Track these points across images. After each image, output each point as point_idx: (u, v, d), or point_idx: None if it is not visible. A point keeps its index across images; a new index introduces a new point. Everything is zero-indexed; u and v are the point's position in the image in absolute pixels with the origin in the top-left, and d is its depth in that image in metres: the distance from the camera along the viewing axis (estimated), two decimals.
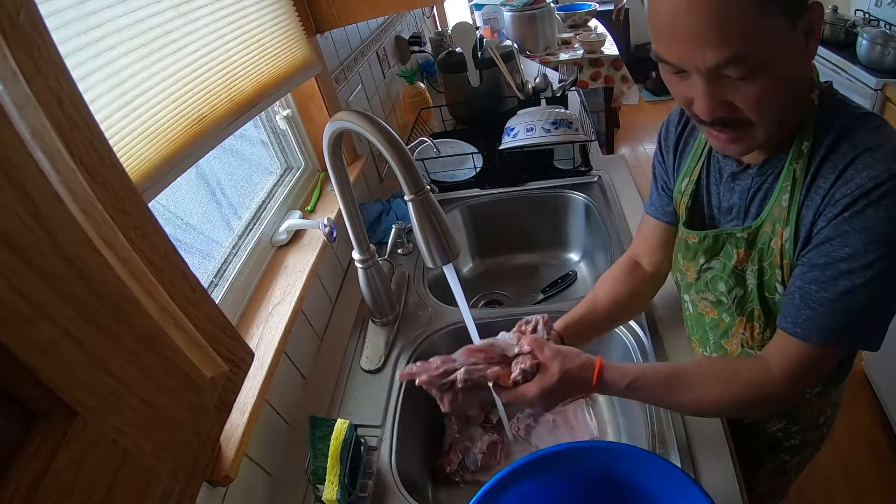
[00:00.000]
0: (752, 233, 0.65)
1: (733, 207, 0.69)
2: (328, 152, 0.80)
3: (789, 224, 0.61)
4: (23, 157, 0.30)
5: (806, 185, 0.59)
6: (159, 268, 0.43)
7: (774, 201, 0.62)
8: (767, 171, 0.63)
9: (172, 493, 0.40)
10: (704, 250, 0.72)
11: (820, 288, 0.57)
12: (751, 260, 0.67)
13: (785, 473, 0.92)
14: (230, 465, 0.65)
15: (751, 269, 0.67)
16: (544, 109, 1.40)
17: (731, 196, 0.69)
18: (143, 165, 0.61)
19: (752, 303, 0.69)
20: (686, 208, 0.75)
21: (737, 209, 0.68)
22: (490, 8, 2.52)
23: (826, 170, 0.57)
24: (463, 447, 0.95)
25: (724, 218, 0.71)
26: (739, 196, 0.67)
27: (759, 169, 0.64)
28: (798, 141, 0.59)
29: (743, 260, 0.67)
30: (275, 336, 0.83)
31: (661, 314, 0.96)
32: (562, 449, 0.63)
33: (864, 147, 0.55)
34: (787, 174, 0.60)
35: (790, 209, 0.60)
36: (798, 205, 0.60)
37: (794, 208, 0.60)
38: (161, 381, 0.39)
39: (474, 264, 1.45)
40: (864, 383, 1.81)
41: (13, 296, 0.27)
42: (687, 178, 0.75)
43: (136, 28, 0.62)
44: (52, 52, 0.36)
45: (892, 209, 0.52)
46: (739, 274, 0.69)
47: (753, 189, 0.65)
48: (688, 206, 0.75)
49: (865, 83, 1.88)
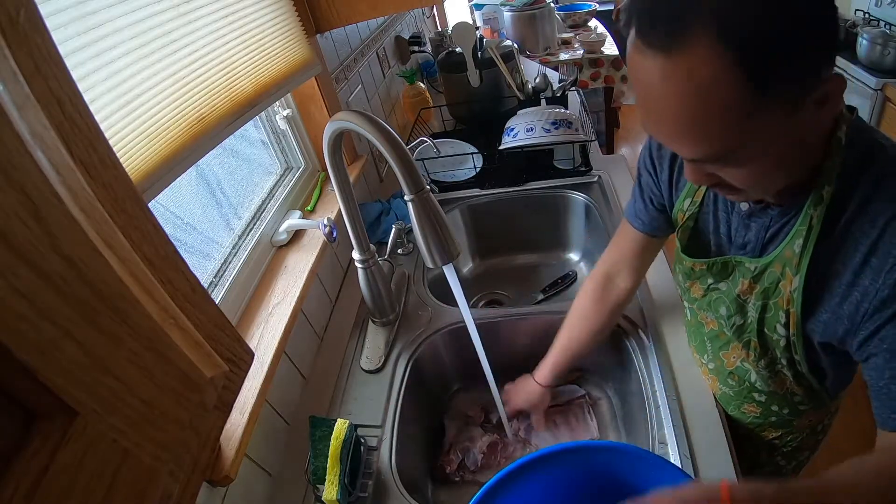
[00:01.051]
0: (760, 268, 0.62)
1: (748, 244, 0.65)
2: (328, 152, 0.80)
3: (799, 272, 0.57)
4: (23, 157, 0.30)
5: (824, 236, 0.55)
6: (159, 268, 0.43)
7: (787, 243, 0.58)
8: (790, 212, 0.58)
9: (172, 493, 0.40)
10: (714, 274, 0.70)
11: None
12: (754, 294, 0.64)
13: (782, 477, 0.92)
14: (230, 465, 0.65)
15: (753, 303, 0.65)
16: (544, 109, 1.40)
17: (746, 232, 0.65)
18: (143, 165, 0.61)
19: (750, 333, 0.68)
20: (687, 230, 0.71)
21: (752, 245, 0.64)
22: (490, 8, 2.52)
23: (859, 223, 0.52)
24: (463, 447, 0.95)
25: (736, 251, 0.67)
26: (756, 233, 0.63)
27: (781, 210, 0.59)
28: (818, 187, 0.54)
29: (747, 291, 0.65)
30: (275, 336, 0.83)
31: (661, 314, 0.96)
32: (562, 449, 0.63)
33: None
34: (804, 219, 0.56)
35: (802, 256, 0.57)
36: (811, 255, 0.56)
37: (807, 257, 0.56)
38: (161, 381, 0.39)
39: (474, 264, 1.45)
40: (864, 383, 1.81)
41: (13, 296, 0.27)
42: (689, 199, 0.70)
43: (135, 28, 0.62)
44: (52, 52, 0.36)
45: None
46: (741, 303, 0.67)
47: (773, 228, 0.61)
48: (689, 228, 0.71)
49: (865, 83, 1.88)
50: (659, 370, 0.86)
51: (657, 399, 0.83)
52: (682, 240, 0.73)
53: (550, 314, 1.02)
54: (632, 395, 0.94)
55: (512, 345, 1.05)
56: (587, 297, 0.88)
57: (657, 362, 0.87)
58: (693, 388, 0.83)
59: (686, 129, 0.46)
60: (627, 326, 0.95)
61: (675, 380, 0.85)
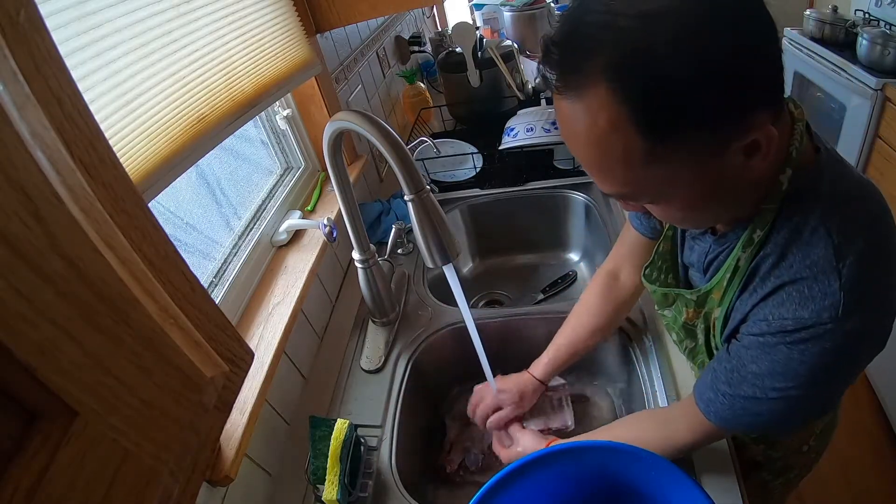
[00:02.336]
0: (701, 296, 0.63)
1: (693, 264, 0.68)
2: (328, 152, 0.80)
3: (722, 305, 0.59)
4: (23, 157, 0.30)
5: (747, 276, 0.55)
6: (159, 268, 0.43)
7: (720, 276, 0.59)
8: (724, 244, 0.59)
9: (172, 493, 0.40)
10: (658, 301, 0.73)
11: (727, 381, 0.56)
12: (700, 318, 0.66)
13: (769, 493, 0.90)
14: (230, 465, 0.65)
15: (700, 326, 0.67)
16: (544, 109, 1.40)
17: (690, 254, 0.68)
18: (143, 165, 0.61)
19: (702, 355, 0.69)
20: (659, 253, 0.73)
21: (696, 267, 0.67)
22: (490, 8, 2.52)
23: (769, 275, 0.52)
24: (463, 447, 0.95)
25: (691, 270, 0.71)
26: (697, 257, 0.65)
27: (717, 240, 0.60)
28: (752, 227, 0.53)
29: (693, 317, 0.67)
30: (275, 336, 0.83)
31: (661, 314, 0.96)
32: (562, 449, 0.63)
33: (810, 273, 0.48)
34: (733, 257, 0.56)
35: (726, 292, 0.58)
36: (734, 292, 0.57)
37: (730, 294, 0.57)
38: (161, 381, 0.39)
39: (474, 264, 1.45)
40: (864, 383, 1.81)
41: (13, 296, 0.27)
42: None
43: (136, 28, 0.62)
44: (52, 52, 0.36)
45: (807, 354, 0.49)
46: (689, 328, 0.69)
47: (711, 255, 0.62)
48: (659, 251, 0.73)
49: (865, 83, 1.88)
50: (659, 370, 0.86)
51: (657, 399, 0.83)
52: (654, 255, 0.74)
53: (550, 314, 1.02)
54: (632, 395, 0.94)
55: (512, 345, 1.05)
56: (593, 293, 0.88)
57: (657, 362, 0.87)
58: None
59: (591, 169, 0.48)
60: (628, 327, 0.95)
61: (675, 380, 0.85)
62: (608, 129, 0.43)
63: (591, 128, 0.44)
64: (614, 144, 0.44)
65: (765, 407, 0.54)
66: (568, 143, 0.49)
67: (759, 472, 0.86)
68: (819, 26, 2.24)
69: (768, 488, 0.89)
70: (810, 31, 2.29)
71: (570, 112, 0.45)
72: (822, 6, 2.48)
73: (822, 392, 0.53)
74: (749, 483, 0.87)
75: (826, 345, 0.48)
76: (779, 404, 0.53)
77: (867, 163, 1.97)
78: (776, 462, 0.84)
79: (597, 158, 0.46)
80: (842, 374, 0.53)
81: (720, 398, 0.57)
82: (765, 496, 0.91)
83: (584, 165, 0.50)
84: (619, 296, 0.87)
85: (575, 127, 0.46)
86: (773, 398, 0.53)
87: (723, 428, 0.60)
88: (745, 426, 0.57)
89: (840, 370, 0.52)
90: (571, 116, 0.45)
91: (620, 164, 0.45)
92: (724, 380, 0.57)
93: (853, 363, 0.52)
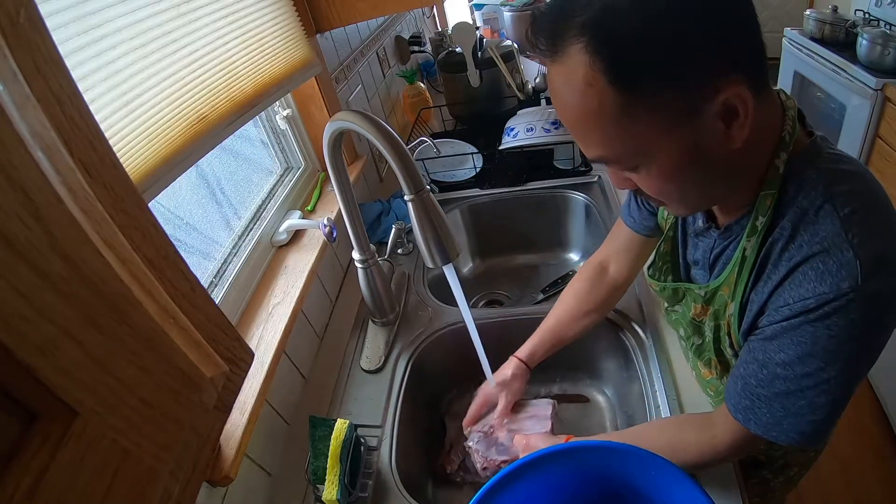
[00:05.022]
0: (709, 292, 0.63)
1: (698, 262, 0.68)
2: (328, 152, 0.80)
3: (734, 299, 0.58)
4: (23, 157, 0.30)
5: (758, 266, 0.55)
6: (159, 268, 0.43)
7: (730, 269, 0.59)
8: (729, 237, 0.60)
9: (172, 493, 0.40)
10: (667, 298, 0.73)
11: (759, 383, 0.55)
12: (708, 315, 0.66)
13: (770, 491, 0.90)
14: (230, 465, 0.65)
15: (708, 324, 0.66)
16: (544, 109, 1.40)
17: (694, 251, 0.68)
18: (143, 165, 0.61)
19: (709, 352, 0.69)
20: (659, 253, 0.73)
21: (701, 264, 0.67)
22: (490, 8, 2.52)
23: (780, 259, 0.52)
24: (464, 447, 0.95)
25: (694, 269, 0.70)
26: (703, 253, 0.66)
27: (721, 234, 0.61)
28: (753, 216, 0.54)
29: (701, 314, 0.67)
30: (275, 336, 0.83)
31: (661, 314, 0.96)
32: (562, 449, 0.63)
33: (821, 248, 0.49)
34: (739, 249, 0.56)
35: (737, 285, 0.58)
36: (745, 284, 0.56)
37: (741, 286, 0.57)
38: (161, 381, 0.39)
39: (474, 264, 1.45)
40: (864, 384, 1.81)
41: (13, 296, 0.27)
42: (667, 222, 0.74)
43: (135, 28, 0.62)
44: (52, 52, 0.36)
45: (834, 328, 0.49)
46: (697, 325, 0.69)
47: (717, 250, 0.62)
48: (660, 251, 0.73)
49: (865, 83, 1.88)
50: (659, 370, 0.86)
51: (657, 399, 0.83)
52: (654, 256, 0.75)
53: None
54: (632, 395, 0.94)
55: (512, 345, 1.05)
56: (581, 279, 0.89)
57: (657, 362, 0.87)
58: (693, 389, 0.83)
59: (574, 130, 0.51)
60: (627, 326, 0.95)
61: (675, 380, 0.85)
62: (583, 85, 0.46)
63: (570, 86, 0.47)
64: (590, 100, 0.46)
65: (804, 401, 0.53)
66: (557, 112, 0.52)
67: (759, 471, 0.86)
68: (819, 26, 2.24)
69: (769, 487, 0.89)
70: (810, 31, 2.29)
71: (555, 76, 0.48)
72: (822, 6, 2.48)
73: (856, 369, 0.52)
74: (749, 482, 0.87)
75: (852, 315, 0.48)
76: (818, 396, 0.52)
77: (867, 163, 1.97)
78: (777, 460, 0.84)
79: (577, 118, 0.49)
80: (875, 343, 0.52)
81: (758, 403, 0.56)
82: (765, 495, 0.91)
83: (570, 130, 0.52)
84: (606, 286, 0.87)
85: (559, 90, 0.49)
86: (808, 387, 0.52)
87: (762, 437, 0.58)
88: (787, 432, 0.55)
89: (871, 339, 0.51)
90: (556, 80, 0.48)
91: (597, 122, 0.47)
92: (756, 382, 0.56)
93: (883, 329, 0.51)
